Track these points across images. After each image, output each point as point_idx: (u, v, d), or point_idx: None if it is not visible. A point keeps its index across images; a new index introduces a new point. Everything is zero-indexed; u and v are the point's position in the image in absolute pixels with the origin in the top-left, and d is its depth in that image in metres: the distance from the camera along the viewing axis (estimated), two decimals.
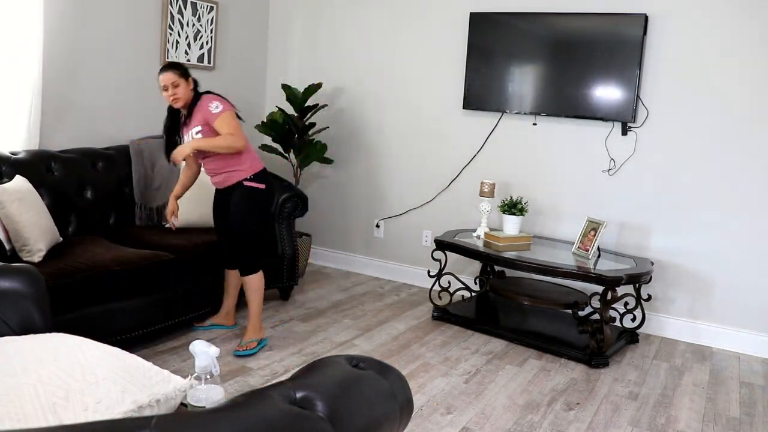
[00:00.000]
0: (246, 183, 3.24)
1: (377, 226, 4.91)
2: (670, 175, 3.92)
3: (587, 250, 3.72)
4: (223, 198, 3.36)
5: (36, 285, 2.01)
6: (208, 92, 3.23)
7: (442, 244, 3.96)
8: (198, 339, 1.63)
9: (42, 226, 2.99)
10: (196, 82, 3.23)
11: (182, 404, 1.74)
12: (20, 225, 2.87)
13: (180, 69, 3.16)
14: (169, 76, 3.11)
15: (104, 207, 3.70)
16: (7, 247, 2.90)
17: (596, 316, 3.60)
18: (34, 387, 1.40)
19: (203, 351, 1.55)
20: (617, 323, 3.82)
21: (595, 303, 3.57)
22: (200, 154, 3.24)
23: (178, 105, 3.16)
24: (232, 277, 3.56)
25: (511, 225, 3.93)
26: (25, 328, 1.93)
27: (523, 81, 4.22)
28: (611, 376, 3.35)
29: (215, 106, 3.12)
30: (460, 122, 4.50)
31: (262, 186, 3.28)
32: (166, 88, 3.12)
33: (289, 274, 4.12)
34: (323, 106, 4.72)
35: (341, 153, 4.96)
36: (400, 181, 4.77)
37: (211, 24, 4.61)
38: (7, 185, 2.98)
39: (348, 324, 3.85)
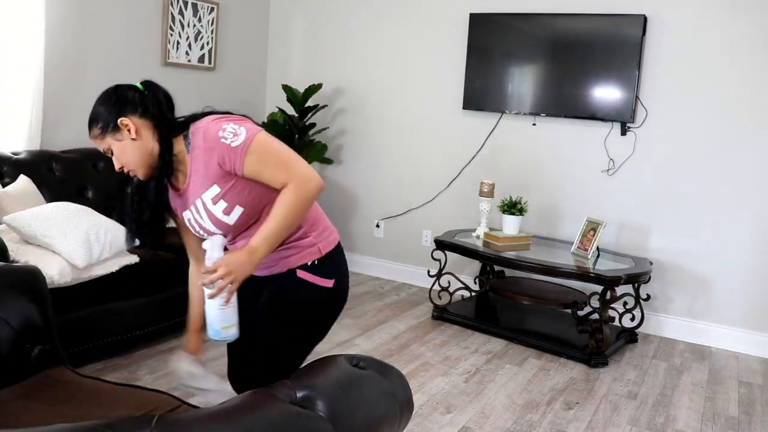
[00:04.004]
0: (302, 274, 1.74)
1: (377, 226, 4.92)
2: (669, 175, 3.93)
3: (586, 250, 3.73)
4: (253, 287, 1.80)
5: (37, 284, 2.02)
6: (199, 115, 1.69)
7: (442, 244, 3.97)
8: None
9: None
10: (156, 115, 1.65)
11: (186, 404, 1.75)
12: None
13: (102, 119, 1.64)
14: (97, 140, 1.67)
15: (105, 207, 3.70)
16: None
17: (595, 316, 3.61)
18: None
19: (219, 244, 1.64)
20: (616, 323, 3.83)
21: (595, 303, 3.58)
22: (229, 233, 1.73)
23: (139, 174, 1.68)
24: None
25: (511, 225, 3.94)
26: (26, 328, 1.94)
27: (523, 81, 4.23)
28: (610, 375, 3.36)
29: (231, 133, 1.58)
30: (460, 122, 4.51)
31: (330, 283, 1.76)
32: (108, 154, 1.69)
33: None
34: (323, 107, 4.73)
35: (341, 153, 4.97)
36: (400, 181, 4.78)
37: (211, 25, 4.61)
38: (9, 188, 2.99)
39: (348, 323, 3.86)
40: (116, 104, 1.64)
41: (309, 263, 1.74)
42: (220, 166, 1.61)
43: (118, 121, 1.63)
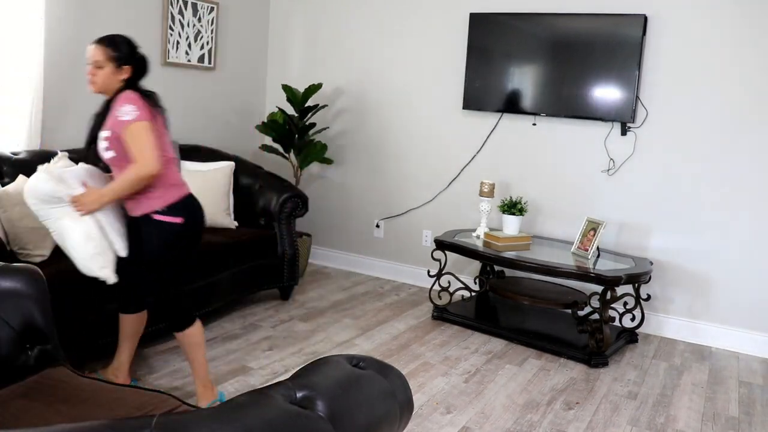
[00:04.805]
0: (156, 216, 2.48)
1: (377, 226, 4.92)
2: (669, 175, 3.93)
3: (587, 250, 3.73)
4: (134, 227, 2.58)
5: (37, 285, 2.02)
6: (135, 89, 2.47)
7: (442, 244, 3.97)
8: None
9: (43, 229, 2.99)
10: (135, 73, 2.48)
11: (186, 404, 1.76)
12: (20, 230, 2.88)
13: (111, 49, 2.42)
14: (95, 52, 2.43)
15: None
16: (8, 247, 2.90)
17: (596, 316, 3.61)
18: None
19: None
20: (616, 323, 3.83)
21: (595, 303, 3.58)
22: (114, 166, 2.52)
23: (92, 89, 2.49)
24: (129, 323, 2.79)
25: (511, 225, 3.94)
26: (26, 328, 1.94)
27: (523, 81, 4.23)
28: (610, 375, 3.36)
29: (125, 112, 2.36)
30: (460, 122, 4.51)
31: (178, 220, 2.50)
32: (89, 64, 2.46)
33: (289, 273, 4.13)
34: (323, 107, 4.73)
35: (341, 153, 4.97)
36: (400, 181, 4.78)
37: (211, 24, 4.61)
38: (9, 188, 2.99)
39: (348, 323, 3.86)
40: (131, 56, 2.46)
41: (158, 209, 2.47)
42: (112, 125, 2.41)
43: (122, 66, 2.44)
